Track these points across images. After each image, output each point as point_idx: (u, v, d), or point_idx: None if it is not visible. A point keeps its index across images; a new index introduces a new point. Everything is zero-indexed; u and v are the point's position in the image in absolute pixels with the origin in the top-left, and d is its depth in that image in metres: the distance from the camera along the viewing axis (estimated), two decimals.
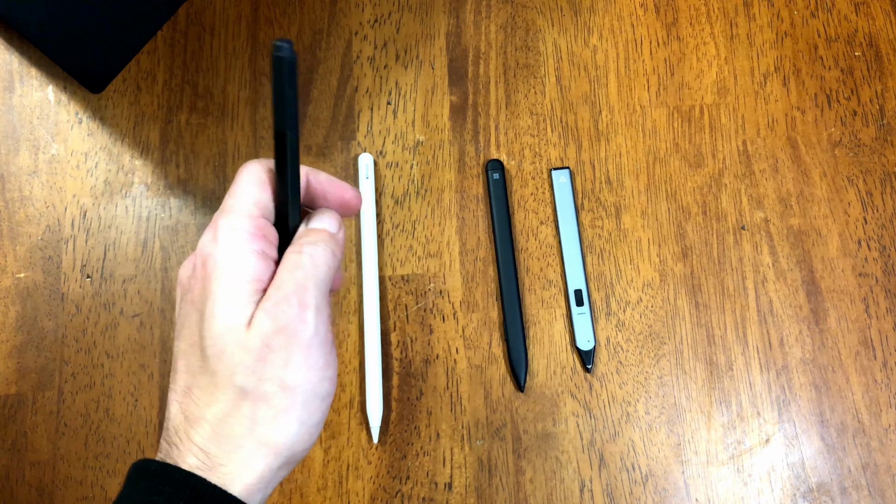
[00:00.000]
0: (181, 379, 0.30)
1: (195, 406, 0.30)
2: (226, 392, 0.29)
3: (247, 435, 0.29)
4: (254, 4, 0.57)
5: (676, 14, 0.57)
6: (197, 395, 0.30)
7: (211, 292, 0.30)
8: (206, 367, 0.30)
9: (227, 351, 0.29)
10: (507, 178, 0.54)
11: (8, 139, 0.55)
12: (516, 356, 0.50)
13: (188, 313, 0.31)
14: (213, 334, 0.30)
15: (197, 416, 0.29)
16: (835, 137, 0.54)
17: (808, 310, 0.51)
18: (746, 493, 0.49)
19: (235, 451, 0.29)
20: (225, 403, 0.29)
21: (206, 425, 0.29)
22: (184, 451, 0.29)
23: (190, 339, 0.30)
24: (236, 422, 0.29)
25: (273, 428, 0.29)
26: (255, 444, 0.29)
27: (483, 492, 0.49)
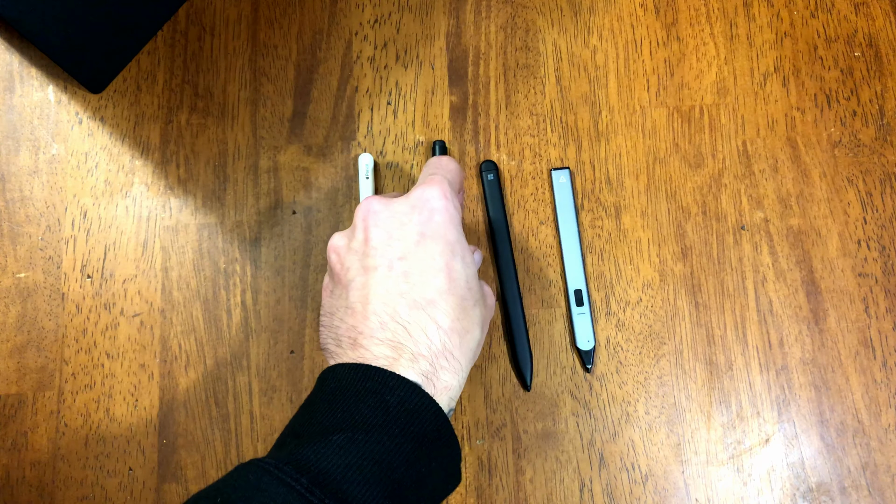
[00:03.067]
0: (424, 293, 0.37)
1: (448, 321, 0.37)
2: (469, 317, 0.38)
3: (475, 351, 0.39)
4: (254, 4, 0.57)
5: (676, 14, 0.57)
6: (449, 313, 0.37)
7: (459, 241, 0.39)
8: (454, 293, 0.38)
9: (474, 289, 0.39)
10: (507, 178, 0.54)
11: (8, 139, 0.55)
12: (522, 356, 0.50)
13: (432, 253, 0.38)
14: (467, 274, 0.39)
15: (452, 330, 0.37)
16: (834, 137, 0.55)
17: (807, 310, 0.51)
18: (746, 492, 0.49)
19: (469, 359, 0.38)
20: (468, 323, 0.38)
21: (457, 336, 0.37)
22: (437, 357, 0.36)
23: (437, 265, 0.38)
24: (473, 339, 0.38)
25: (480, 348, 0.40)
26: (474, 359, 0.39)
27: (483, 492, 0.49)
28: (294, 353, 0.51)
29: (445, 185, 0.40)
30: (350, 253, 0.40)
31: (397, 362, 0.36)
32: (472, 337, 0.38)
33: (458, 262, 0.38)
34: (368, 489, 0.32)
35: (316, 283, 0.52)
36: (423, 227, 0.39)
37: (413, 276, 0.37)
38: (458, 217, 0.40)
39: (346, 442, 0.33)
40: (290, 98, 0.55)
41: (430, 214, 0.39)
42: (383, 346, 0.36)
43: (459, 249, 0.39)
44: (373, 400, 0.34)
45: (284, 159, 0.54)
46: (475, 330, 0.38)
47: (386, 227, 0.39)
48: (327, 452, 0.32)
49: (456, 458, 0.37)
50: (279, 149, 0.55)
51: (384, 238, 0.39)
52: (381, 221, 0.39)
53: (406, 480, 0.33)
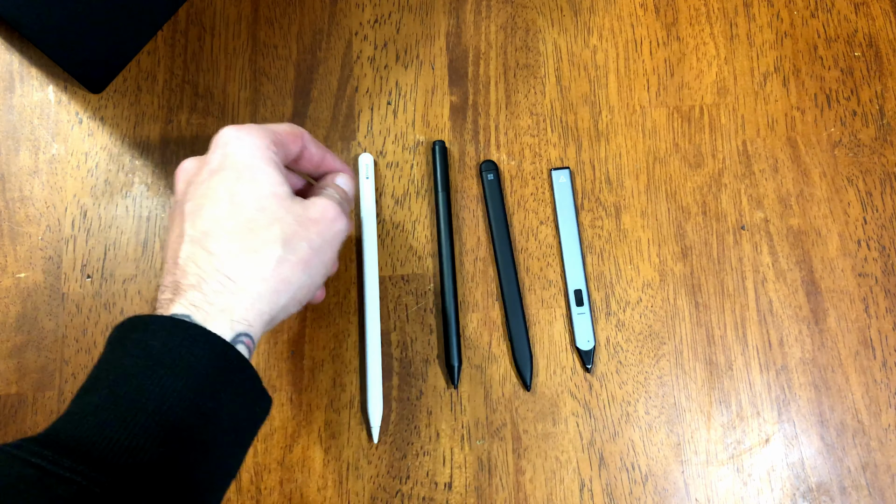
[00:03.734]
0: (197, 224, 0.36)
1: (219, 245, 0.36)
2: (260, 237, 0.36)
3: (270, 270, 0.36)
4: (254, 4, 0.57)
5: (676, 14, 0.57)
6: (222, 237, 0.36)
7: (250, 166, 0.37)
8: (240, 215, 0.36)
9: (268, 207, 0.37)
10: (507, 178, 0.54)
11: (8, 139, 0.55)
12: (521, 356, 0.50)
13: (215, 185, 0.37)
14: (251, 192, 0.37)
15: (224, 252, 0.36)
16: (834, 137, 0.55)
17: (807, 310, 0.51)
18: (746, 492, 0.49)
19: (257, 282, 0.36)
20: (257, 244, 0.36)
21: (234, 259, 0.36)
22: (207, 280, 0.35)
23: (218, 195, 0.37)
24: (264, 260, 0.36)
25: (290, 271, 0.37)
26: (275, 279, 0.36)
27: (483, 492, 0.49)
28: (294, 354, 0.51)
29: (244, 127, 0.39)
30: (169, 215, 0.41)
31: (171, 302, 0.35)
32: (262, 256, 0.36)
33: (246, 185, 0.37)
34: (134, 441, 0.30)
35: None
36: (213, 165, 0.38)
37: (193, 213, 0.37)
38: (256, 145, 0.38)
39: (102, 400, 0.31)
40: (290, 98, 0.55)
41: (222, 150, 0.38)
42: (166, 291, 0.36)
43: (250, 173, 0.37)
44: (136, 350, 0.33)
45: None
46: (268, 248, 0.36)
47: (185, 178, 0.39)
48: (81, 417, 0.31)
49: (251, 380, 0.35)
50: None
51: (183, 187, 0.39)
52: (184, 174, 0.40)
53: (187, 418, 0.32)
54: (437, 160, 0.53)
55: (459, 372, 0.50)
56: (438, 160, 0.53)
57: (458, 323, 0.50)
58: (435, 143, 0.53)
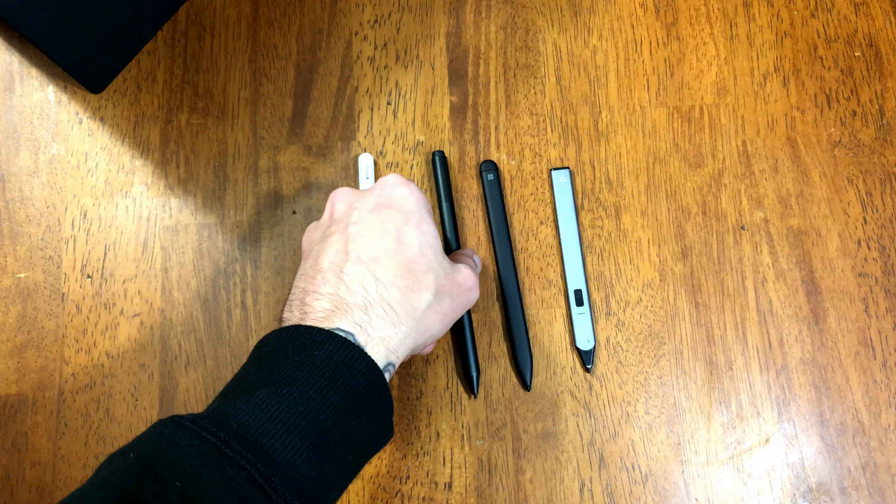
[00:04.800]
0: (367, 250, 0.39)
1: (386, 274, 0.38)
2: (418, 280, 0.39)
3: (419, 313, 0.39)
4: (254, 4, 0.57)
5: (676, 14, 0.57)
6: (389, 267, 0.38)
7: (418, 213, 0.41)
8: (402, 255, 0.39)
9: (426, 256, 0.40)
10: (507, 178, 0.54)
11: (8, 139, 0.55)
12: (521, 356, 0.50)
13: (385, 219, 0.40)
14: (417, 238, 0.40)
15: (389, 282, 0.38)
16: (834, 137, 0.55)
17: (807, 310, 0.51)
18: (746, 492, 0.49)
19: (410, 318, 0.38)
20: (414, 284, 0.39)
21: (397, 291, 0.38)
22: (372, 304, 0.37)
23: (387, 229, 0.40)
24: (418, 301, 0.39)
25: (432, 318, 0.40)
26: (421, 320, 0.39)
27: (483, 492, 0.49)
28: None
29: (407, 179, 0.43)
30: (316, 230, 0.42)
31: (333, 315, 0.36)
32: (418, 297, 0.39)
33: (412, 228, 0.40)
34: (291, 441, 0.32)
35: None
36: (380, 199, 0.41)
37: (362, 236, 0.39)
38: (419, 197, 0.42)
39: (268, 396, 0.33)
40: (290, 98, 0.55)
41: (390, 189, 0.42)
42: (324, 301, 0.37)
43: (416, 219, 0.41)
44: (300, 356, 0.34)
45: (284, 159, 0.54)
46: (424, 292, 0.39)
47: (347, 201, 0.42)
48: (247, 407, 0.33)
49: (388, 411, 0.37)
50: (279, 149, 0.55)
51: (344, 209, 0.41)
52: (344, 197, 0.42)
53: (333, 433, 0.33)
54: (437, 171, 0.53)
55: (478, 382, 0.50)
56: (439, 170, 0.53)
57: (472, 333, 0.50)
58: (434, 153, 0.53)
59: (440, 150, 0.54)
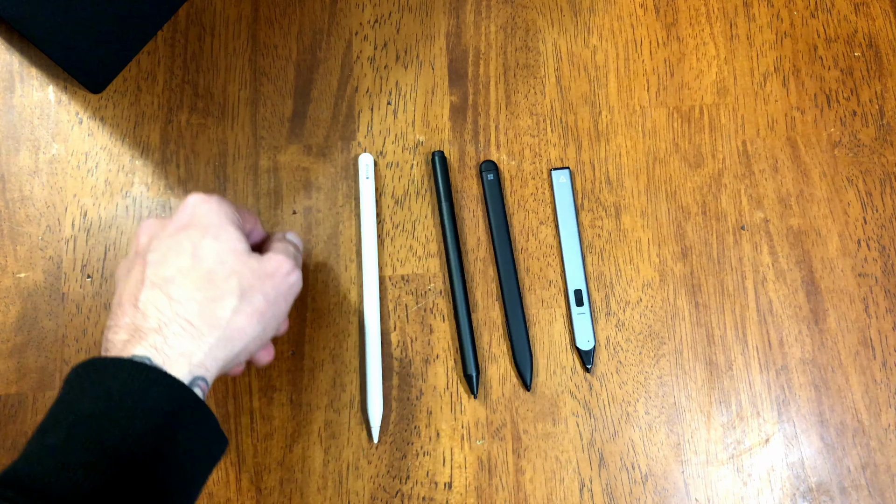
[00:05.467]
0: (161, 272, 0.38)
1: (181, 291, 0.38)
2: (219, 288, 0.38)
3: (227, 319, 0.38)
4: (254, 4, 0.57)
5: (676, 14, 0.57)
6: (185, 284, 0.38)
7: (215, 224, 0.40)
8: (200, 267, 0.39)
9: (227, 261, 0.39)
10: (507, 178, 0.54)
11: (8, 139, 0.55)
12: (521, 356, 0.50)
13: (181, 239, 0.40)
14: (214, 247, 0.39)
15: (185, 298, 0.38)
16: (834, 138, 0.55)
17: (807, 310, 0.51)
18: (746, 492, 0.49)
19: (214, 329, 0.38)
20: (216, 294, 0.38)
21: (195, 304, 0.38)
22: (168, 324, 0.37)
23: (182, 247, 0.39)
24: (222, 309, 0.38)
25: (245, 322, 0.39)
26: (230, 327, 0.38)
27: (483, 491, 0.49)
28: (294, 354, 0.51)
29: (211, 194, 0.42)
30: (122, 267, 0.42)
31: (129, 343, 0.36)
32: (220, 305, 0.38)
33: (209, 240, 0.40)
34: (94, 483, 0.31)
35: (316, 283, 0.52)
36: (179, 222, 0.41)
37: (158, 262, 0.39)
38: (219, 207, 0.41)
39: (63, 441, 0.32)
40: (290, 98, 0.55)
41: (190, 209, 0.41)
42: (122, 332, 0.37)
43: (213, 231, 0.40)
44: (96, 390, 0.34)
45: (284, 159, 0.54)
46: (226, 299, 0.39)
47: (149, 232, 0.41)
48: (42, 457, 0.32)
49: (208, 422, 0.37)
50: (279, 149, 0.55)
51: (146, 241, 0.41)
52: (148, 229, 0.42)
53: (145, 459, 0.33)
54: (437, 171, 0.53)
55: (478, 382, 0.50)
56: (439, 170, 0.53)
57: (472, 333, 0.50)
58: (434, 153, 0.53)
59: (440, 150, 0.54)
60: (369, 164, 0.53)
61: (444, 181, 0.53)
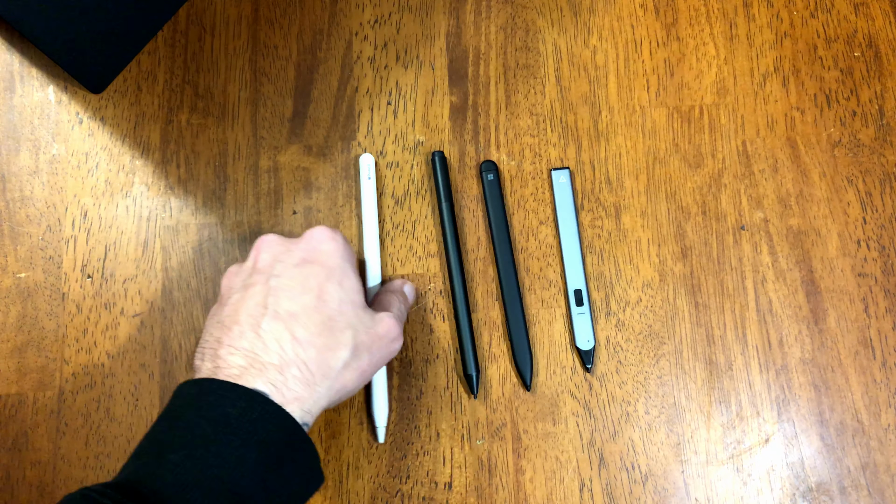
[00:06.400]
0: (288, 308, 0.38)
1: (304, 333, 0.38)
2: (335, 338, 0.39)
3: (335, 371, 0.39)
4: (254, 5, 0.57)
5: (676, 14, 0.57)
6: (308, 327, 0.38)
7: (341, 268, 0.41)
8: (322, 312, 0.39)
9: (345, 312, 0.40)
10: (507, 178, 0.54)
11: (8, 139, 0.55)
12: (521, 356, 0.50)
13: (307, 274, 0.40)
14: (336, 294, 0.40)
15: (305, 342, 0.38)
16: (834, 138, 0.55)
17: (807, 310, 0.52)
18: (746, 492, 0.49)
19: (326, 378, 0.38)
20: (332, 341, 0.39)
21: (314, 350, 0.38)
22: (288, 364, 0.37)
23: (309, 286, 0.40)
24: (334, 360, 0.38)
25: (349, 375, 0.40)
26: (336, 379, 0.39)
27: (483, 491, 0.49)
28: None
29: (336, 231, 0.43)
30: (237, 276, 0.42)
31: (247, 372, 0.36)
32: (335, 355, 0.39)
33: (334, 285, 0.40)
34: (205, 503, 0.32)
35: None
36: (306, 254, 0.41)
37: (283, 291, 0.39)
38: (346, 252, 0.42)
39: (182, 459, 0.33)
40: (290, 98, 0.55)
41: (316, 244, 0.42)
42: (237, 356, 0.37)
43: (338, 275, 0.41)
44: (213, 413, 0.35)
45: (284, 159, 0.54)
46: (341, 350, 0.39)
47: (272, 252, 0.41)
48: (161, 472, 0.33)
49: (311, 459, 0.37)
50: (279, 149, 0.55)
51: (269, 261, 0.41)
52: (271, 248, 0.42)
53: (254, 489, 0.34)
54: (437, 171, 0.53)
55: (478, 382, 0.50)
56: (439, 171, 0.53)
57: (472, 333, 0.50)
58: (434, 153, 0.53)
59: (440, 150, 0.54)
60: (371, 165, 0.53)
61: (444, 181, 0.53)
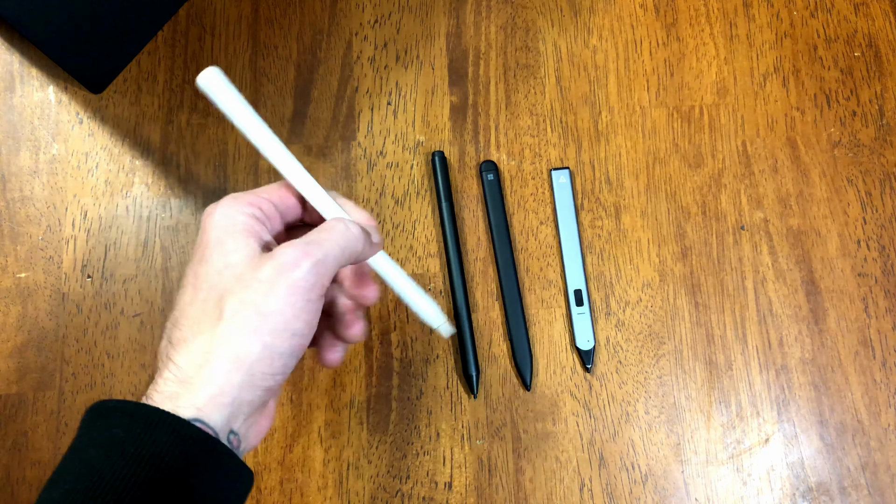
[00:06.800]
0: (173, 315, 0.34)
1: (180, 332, 0.33)
2: (210, 315, 0.33)
3: (216, 350, 0.32)
4: (254, 5, 0.57)
5: (676, 14, 0.57)
6: (183, 323, 0.33)
7: (216, 240, 0.35)
8: (197, 298, 0.34)
9: (220, 282, 0.33)
10: (507, 178, 0.54)
11: (9, 139, 0.55)
12: (521, 356, 0.50)
13: (187, 270, 0.35)
14: (207, 270, 0.34)
15: (179, 339, 0.33)
16: (834, 138, 0.55)
17: (807, 310, 0.52)
18: (746, 492, 0.49)
19: (204, 365, 0.32)
20: (207, 324, 0.33)
21: (185, 345, 0.33)
22: (163, 371, 0.33)
23: (188, 280, 0.35)
24: (211, 340, 0.33)
25: (238, 344, 0.32)
26: (222, 357, 0.32)
27: (483, 491, 0.49)
28: None
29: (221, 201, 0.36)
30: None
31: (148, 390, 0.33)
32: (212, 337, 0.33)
33: (205, 264, 0.34)
34: None
35: None
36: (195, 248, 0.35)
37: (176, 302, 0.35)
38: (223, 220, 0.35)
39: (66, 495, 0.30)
40: (290, 98, 0.55)
41: (200, 231, 0.36)
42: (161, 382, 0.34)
43: (209, 251, 0.34)
44: (101, 437, 0.31)
45: None
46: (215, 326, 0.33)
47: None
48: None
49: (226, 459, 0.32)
50: None
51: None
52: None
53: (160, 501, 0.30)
54: (437, 171, 0.53)
55: (478, 382, 0.50)
56: (439, 171, 0.53)
57: (472, 333, 0.50)
58: (434, 153, 0.53)
59: (440, 150, 0.54)
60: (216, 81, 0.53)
61: (444, 181, 0.53)
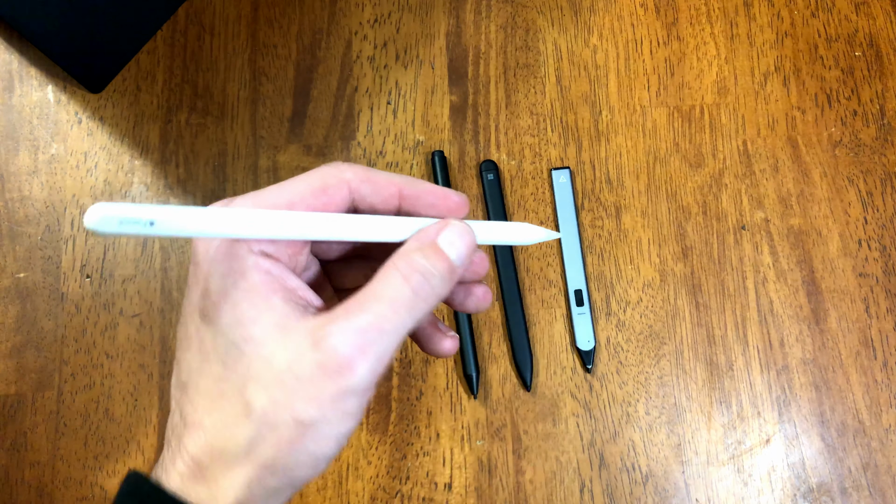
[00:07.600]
0: (179, 377, 0.27)
1: (192, 408, 0.26)
2: (230, 402, 0.25)
3: (244, 455, 0.25)
4: (254, 4, 0.57)
5: (676, 14, 0.57)
6: (195, 398, 0.26)
7: (207, 291, 0.26)
8: (209, 371, 0.25)
9: (239, 360, 0.25)
10: (507, 178, 0.54)
11: (7, 139, 0.55)
12: (521, 357, 0.50)
13: (186, 319, 0.27)
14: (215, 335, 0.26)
15: (193, 421, 0.26)
16: (835, 137, 0.54)
17: (808, 310, 0.51)
18: (746, 493, 0.48)
19: (230, 469, 0.25)
20: (229, 415, 0.25)
21: (202, 434, 0.25)
22: (175, 456, 0.26)
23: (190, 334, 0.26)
24: (236, 438, 0.25)
25: (274, 457, 0.25)
26: (252, 464, 0.25)
27: (483, 492, 0.49)
28: None
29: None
30: None
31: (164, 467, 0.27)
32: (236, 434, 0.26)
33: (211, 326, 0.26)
34: None
35: None
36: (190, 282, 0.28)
37: (177, 352, 0.28)
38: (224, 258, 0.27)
39: None
40: (289, 98, 0.55)
41: (192, 265, 0.28)
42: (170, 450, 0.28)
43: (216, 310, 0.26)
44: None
45: (284, 159, 0.54)
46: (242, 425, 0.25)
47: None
48: None
49: None
50: (279, 149, 0.54)
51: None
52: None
53: None
54: (437, 171, 0.53)
55: (478, 382, 0.50)
56: (439, 170, 0.53)
57: (472, 333, 0.50)
58: (434, 153, 0.53)
59: (440, 149, 0.54)
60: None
61: (444, 181, 0.53)
